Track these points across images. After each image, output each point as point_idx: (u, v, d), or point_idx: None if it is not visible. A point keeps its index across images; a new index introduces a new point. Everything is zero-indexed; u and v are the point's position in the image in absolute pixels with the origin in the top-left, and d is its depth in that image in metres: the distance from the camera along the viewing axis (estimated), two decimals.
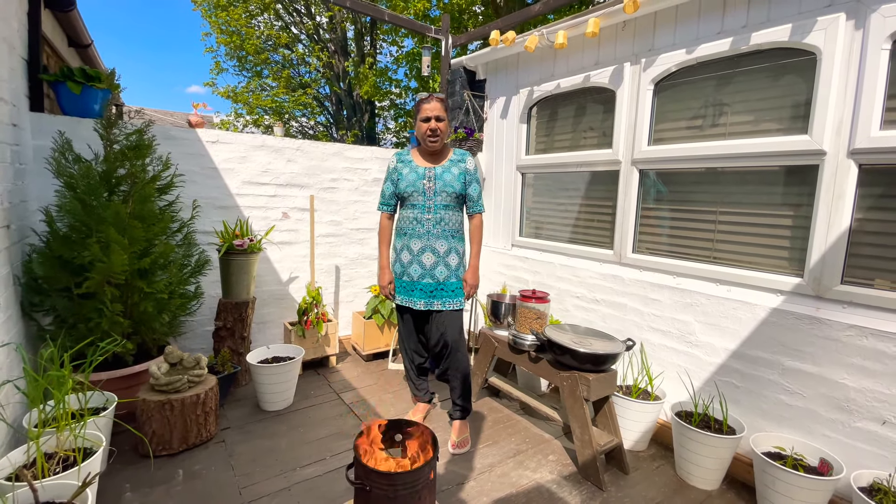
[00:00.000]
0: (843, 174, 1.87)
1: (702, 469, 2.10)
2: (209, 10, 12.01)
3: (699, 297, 2.34)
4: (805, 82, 1.99)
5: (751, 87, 2.18)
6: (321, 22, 12.90)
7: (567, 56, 3.05)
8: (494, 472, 2.21)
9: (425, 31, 4.03)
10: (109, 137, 2.33)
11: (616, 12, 2.55)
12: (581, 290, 2.96)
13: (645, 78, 2.56)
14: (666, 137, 2.53)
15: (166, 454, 2.19)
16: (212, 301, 3.05)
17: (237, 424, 2.53)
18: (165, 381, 2.19)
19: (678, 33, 2.42)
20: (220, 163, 3.05)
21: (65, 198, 2.20)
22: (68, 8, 3.10)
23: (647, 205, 2.66)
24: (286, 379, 2.71)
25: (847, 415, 1.86)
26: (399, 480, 1.49)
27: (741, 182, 2.24)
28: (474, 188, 2.41)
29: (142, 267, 2.27)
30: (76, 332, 2.19)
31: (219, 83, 13.32)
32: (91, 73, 2.50)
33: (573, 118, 3.10)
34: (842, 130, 1.86)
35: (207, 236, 3.01)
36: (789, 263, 2.10)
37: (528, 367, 2.49)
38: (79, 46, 4.06)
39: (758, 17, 2.10)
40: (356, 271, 3.77)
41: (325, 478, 2.10)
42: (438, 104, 2.30)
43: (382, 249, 2.50)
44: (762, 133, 2.14)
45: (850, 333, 1.84)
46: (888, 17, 1.71)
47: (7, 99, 2.06)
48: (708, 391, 2.31)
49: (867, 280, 1.86)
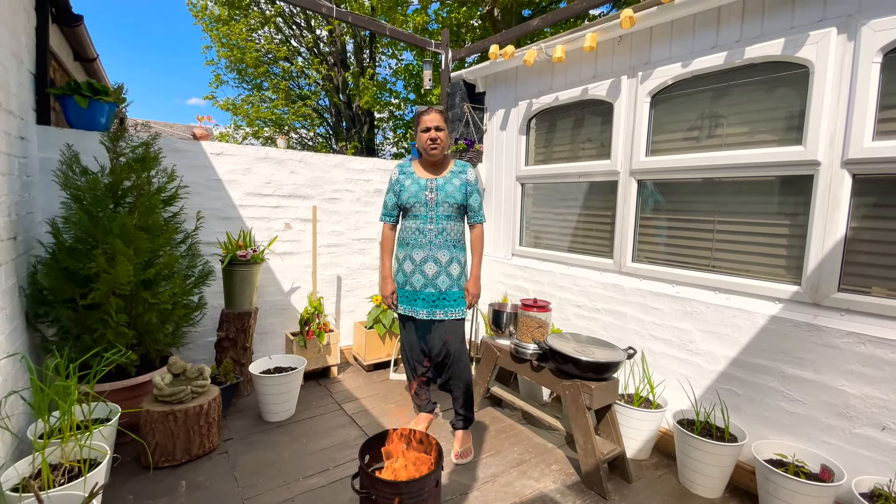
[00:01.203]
0: (837, 184, 1.91)
1: (704, 477, 2.11)
2: (210, 24, 12.16)
3: (699, 305, 2.37)
4: (798, 95, 2.04)
5: (746, 100, 2.23)
6: (321, 35, 13.07)
7: (565, 69, 3.11)
8: (498, 481, 2.21)
9: (425, 45, 4.10)
10: (116, 150, 2.36)
11: (613, 27, 2.61)
12: (582, 298, 2.99)
13: (642, 90, 2.61)
14: (663, 148, 2.58)
15: (169, 465, 2.19)
16: (214, 312, 3.06)
17: (240, 435, 2.53)
18: (169, 391, 2.20)
19: (674, 47, 2.47)
20: (224, 174, 3.08)
21: (71, 209, 2.22)
22: (75, 24, 3.15)
23: (645, 214, 2.70)
24: (288, 389, 2.71)
25: (847, 421, 1.88)
26: (404, 489, 1.50)
27: (738, 192, 2.28)
28: (475, 198, 2.44)
29: (146, 278, 2.29)
30: (80, 343, 2.20)
31: (218, 95, 13.43)
32: (98, 87, 2.54)
33: (572, 130, 3.15)
34: (835, 141, 1.91)
35: (211, 247, 3.03)
36: (787, 272, 2.13)
37: (530, 376, 2.50)
38: (84, 60, 4.12)
39: (751, 32, 2.16)
40: (357, 281, 3.78)
41: (328, 488, 2.10)
42: (438, 115, 2.35)
43: (385, 260, 2.52)
44: (757, 144, 2.19)
45: (849, 340, 1.86)
46: (878, 31, 1.77)
47: (15, 112, 2.09)
48: (709, 399, 2.32)
49: (863, 287, 1.89)
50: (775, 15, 2.08)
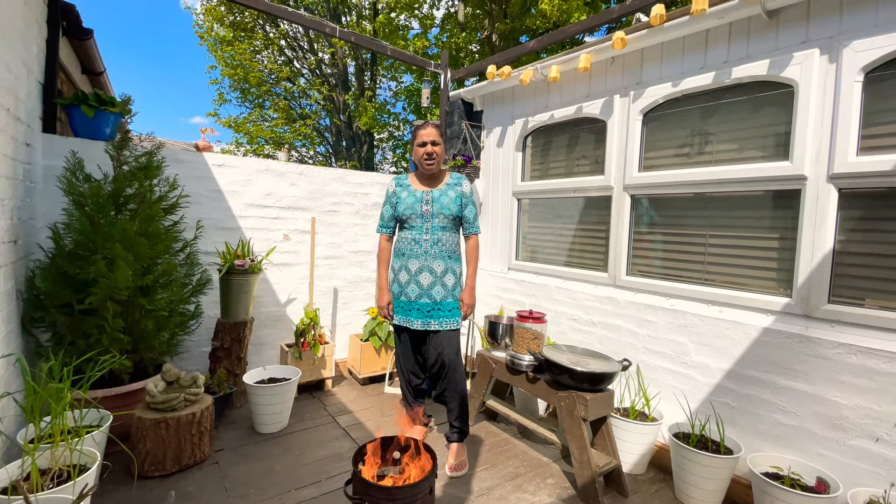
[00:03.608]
0: (824, 198, 1.96)
1: (701, 491, 2.09)
2: (215, 45, 12.45)
3: (692, 317, 2.39)
4: (785, 112, 2.12)
5: (734, 117, 2.30)
6: (323, 58, 13.38)
7: (560, 89, 3.20)
8: (493, 494, 2.18)
9: (425, 65, 4.22)
10: (120, 158, 2.40)
11: (605, 48, 2.71)
12: (577, 312, 3.00)
13: (634, 109, 2.69)
14: (655, 164, 2.64)
15: (159, 475, 2.15)
16: (210, 322, 3.05)
17: (231, 446, 2.50)
18: (162, 398, 2.18)
19: (664, 68, 2.57)
20: (225, 185, 3.12)
21: (73, 216, 2.24)
22: (85, 37, 3.24)
23: (639, 228, 2.75)
24: (282, 400, 2.69)
25: (841, 433, 1.88)
26: (398, 495, 1.49)
27: (729, 206, 2.34)
28: (470, 210, 2.48)
29: (144, 284, 2.30)
30: (75, 349, 2.19)
31: (221, 114, 13.64)
32: (105, 98, 2.60)
33: (566, 146, 3.23)
34: (821, 157, 1.97)
35: (209, 257, 3.05)
36: (778, 284, 2.16)
37: (526, 387, 2.50)
38: (92, 73, 4.21)
39: (738, 53, 2.25)
40: (354, 294, 3.79)
41: (320, 499, 2.07)
42: (434, 130, 2.41)
43: (381, 270, 2.54)
44: (746, 160, 2.25)
45: (840, 351, 1.88)
46: (859, 51, 1.85)
47: (22, 118, 2.14)
48: (704, 412, 2.32)
49: (853, 299, 1.92)
50: (760, 37, 2.17)
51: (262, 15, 12.42)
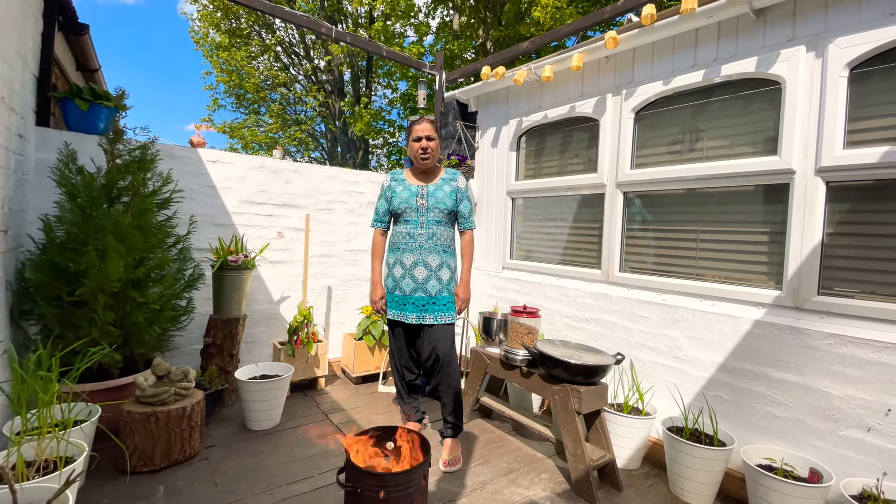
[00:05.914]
0: (812, 191, 2.00)
1: (695, 484, 2.09)
2: (210, 51, 12.48)
3: (685, 312, 2.41)
4: (773, 108, 2.16)
5: (724, 114, 2.34)
6: (319, 65, 13.45)
7: (553, 88, 3.24)
8: (487, 489, 2.17)
9: (421, 66, 4.26)
10: (113, 151, 2.39)
11: (598, 48, 2.75)
12: (571, 309, 3.01)
13: (626, 107, 2.73)
14: (647, 161, 2.68)
15: (147, 470, 2.12)
16: (202, 319, 3.03)
17: (222, 443, 2.46)
18: (152, 392, 2.15)
19: (655, 67, 2.61)
20: (219, 182, 3.12)
21: (65, 208, 2.23)
22: (81, 32, 3.24)
23: (631, 225, 2.77)
24: (274, 397, 2.66)
25: (833, 423, 1.89)
26: (391, 482, 1.48)
27: (720, 201, 2.37)
28: (465, 205, 2.49)
29: (136, 277, 2.28)
30: (64, 342, 2.15)
31: (216, 119, 13.64)
32: (99, 92, 2.60)
33: (560, 145, 3.26)
34: (808, 151, 2.01)
35: (202, 253, 3.03)
36: (768, 277, 2.18)
37: (520, 382, 2.49)
38: (86, 70, 4.20)
39: (727, 52, 2.29)
40: (348, 292, 3.78)
41: (312, 494, 2.04)
42: (429, 125, 2.43)
43: (375, 265, 2.54)
44: (736, 155, 2.29)
45: (830, 342, 1.90)
46: (844, 48, 1.89)
47: (17, 109, 2.13)
48: (697, 405, 2.32)
49: (842, 290, 1.95)
50: (748, 35, 2.22)
51: (257, 21, 12.50)
